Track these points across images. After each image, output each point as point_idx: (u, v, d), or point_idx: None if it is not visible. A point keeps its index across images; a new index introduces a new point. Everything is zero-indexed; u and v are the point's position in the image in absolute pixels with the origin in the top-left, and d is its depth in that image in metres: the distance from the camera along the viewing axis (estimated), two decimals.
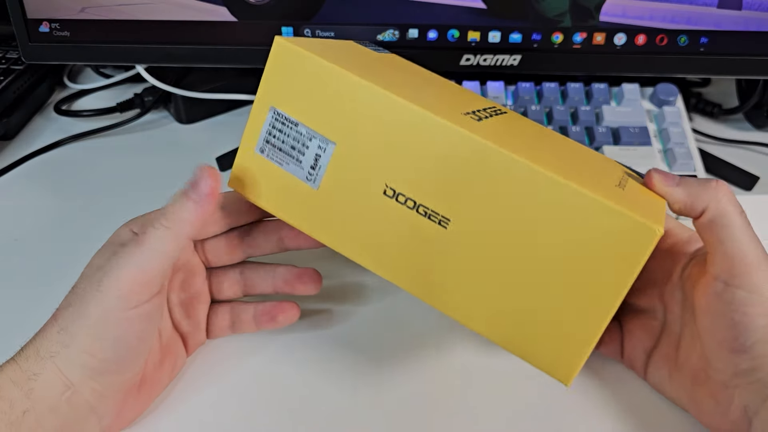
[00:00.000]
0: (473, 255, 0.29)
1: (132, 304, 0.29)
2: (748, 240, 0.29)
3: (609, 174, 0.32)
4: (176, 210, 0.30)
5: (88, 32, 0.50)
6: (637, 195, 0.30)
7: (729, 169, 0.53)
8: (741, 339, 0.29)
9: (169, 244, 0.30)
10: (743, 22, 0.48)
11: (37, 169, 0.54)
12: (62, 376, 0.29)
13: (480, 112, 0.33)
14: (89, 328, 0.29)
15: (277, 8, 0.49)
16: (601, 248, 0.27)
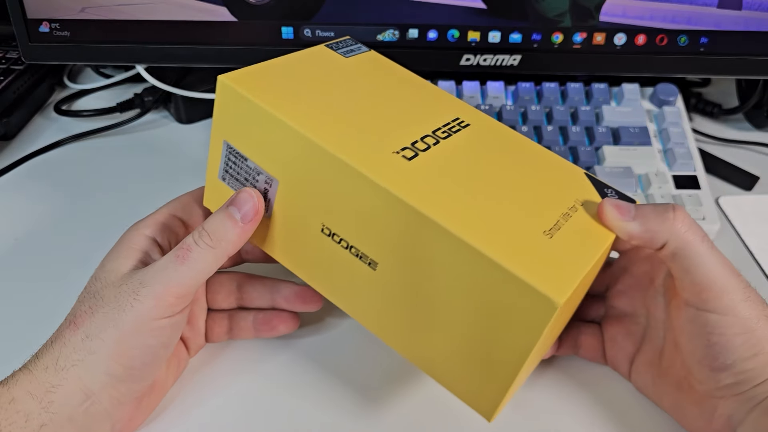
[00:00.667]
0: (398, 297, 0.30)
1: (166, 314, 0.30)
2: (714, 265, 0.29)
3: (552, 208, 0.30)
4: (219, 230, 0.31)
5: (88, 32, 0.50)
6: (570, 239, 0.29)
7: (729, 169, 0.53)
8: (721, 359, 0.29)
9: (211, 263, 0.31)
10: (743, 22, 0.48)
11: (37, 169, 0.54)
12: (83, 386, 0.29)
13: (428, 137, 0.32)
14: (122, 335, 0.29)
15: (277, 8, 0.49)
16: (505, 311, 0.27)
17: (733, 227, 0.48)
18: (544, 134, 0.50)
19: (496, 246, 0.27)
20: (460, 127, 0.34)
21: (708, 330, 0.29)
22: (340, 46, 0.39)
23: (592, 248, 0.29)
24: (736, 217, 0.49)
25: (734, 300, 0.28)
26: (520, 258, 0.27)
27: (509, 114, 0.51)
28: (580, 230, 0.30)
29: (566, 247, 0.28)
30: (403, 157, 0.30)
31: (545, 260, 0.27)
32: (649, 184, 0.47)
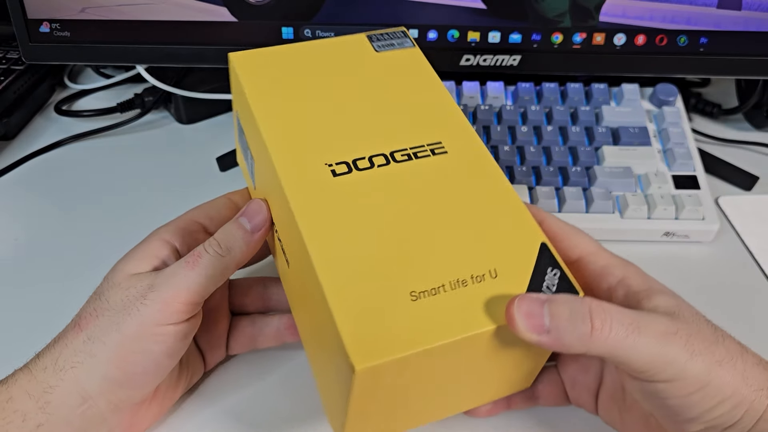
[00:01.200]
0: (298, 297, 0.32)
1: (172, 321, 0.30)
2: (645, 348, 0.26)
3: (448, 272, 0.27)
4: (230, 239, 0.31)
5: (89, 32, 0.50)
6: (435, 310, 0.26)
7: (728, 169, 0.53)
8: (683, 415, 0.27)
9: (221, 271, 0.31)
10: (743, 22, 0.48)
11: (37, 169, 0.54)
12: (80, 389, 0.29)
13: (380, 157, 0.31)
14: (124, 339, 0.29)
15: (277, 8, 0.49)
16: (336, 362, 0.26)
17: (733, 227, 0.48)
18: (544, 134, 0.50)
19: (342, 292, 0.26)
20: (430, 153, 0.32)
21: (661, 397, 0.27)
22: (383, 38, 0.37)
23: (449, 330, 0.26)
24: (736, 217, 0.49)
25: (679, 364, 0.26)
26: (356, 312, 0.25)
27: (509, 114, 0.51)
28: (460, 303, 0.26)
29: (420, 317, 0.26)
30: (331, 171, 0.30)
31: (382, 323, 0.25)
32: (648, 184, 0.47)
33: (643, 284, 0.30)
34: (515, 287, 0.27)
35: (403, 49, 0.37)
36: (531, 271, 0.28)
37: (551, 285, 0.28)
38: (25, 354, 0.31)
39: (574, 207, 0.46)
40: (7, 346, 0.39)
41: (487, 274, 0.27)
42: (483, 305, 0.27)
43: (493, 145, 0.50)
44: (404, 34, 0.37)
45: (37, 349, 0.31)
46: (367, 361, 0.24)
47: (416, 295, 0.26)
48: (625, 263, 0.31)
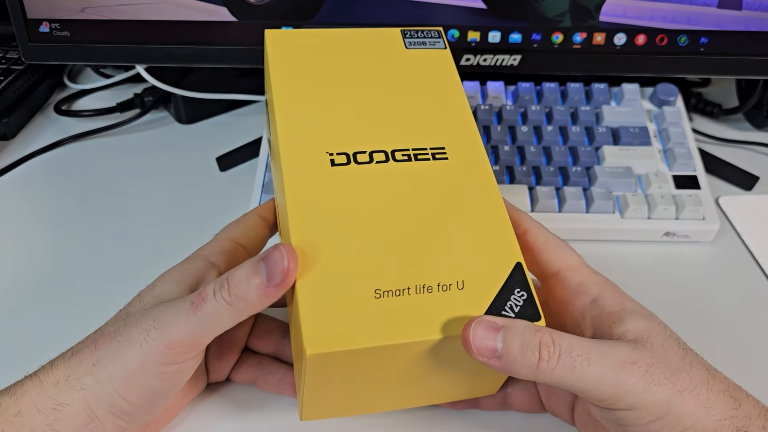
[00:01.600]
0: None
1: (177, 361, 0.29)
2: (598, 376, 0.26)
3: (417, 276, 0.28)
4: (241, 286, 0.27)
5: (88, 32, 0.50)
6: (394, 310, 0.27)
7: (729, 169, 0.53)
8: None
9: (226, 320, 0.28)
10: (743, 22, 0.48)
11: (37, 169, 0.54)
12: (88, 409, 0.29)
13: (380, 153, 0.31)
14: (127, 373, 0.28)
15: (277, 8, 0.49)
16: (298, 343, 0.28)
17: (733, 227, 0.48)
18: (544, 134, 0.50)
19: (311, 279, 0.27)
20: (431, 157, 0.32)
21: (622, 424, 0.27)
22: (416, 35, 0.37)
23: (401, 331, 0.27)
24: (736, 217, 0.49)
25: (636, 394, 0.26)
26: (320, 300, 0.27)
27: (509, 114, 0.51)
28: (419, 309, 0.27)
29: (378, 315, 0.27)
30: (330, 160, 0.31)
31: (342, 315, 0.26)
32: (649, 184, 0.47)
33: (617, 305, 0.30)
34: (478, 303, 0.28)
35: (434, 49, 0.37)
36: (498, 290, 0.28)
37: (515, 306, 0.28)
38: (25, 356, 0.31)
39: (574, 207, 0.46)
40: (7, 346, 0.39)
41: (454, 285, 0.28)
42: (440, 314, 0.27)
43: (493, 145, 0.50)
44: (439, 35, 0.38)
45: (36, 351, 0.31)
46: (317, 348, 0.26)
47: (380, 294, 0.27)
48: (602, 281, 0.31)
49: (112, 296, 0.33)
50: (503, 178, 0.48)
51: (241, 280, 0.28)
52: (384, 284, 0.28)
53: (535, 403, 0.34)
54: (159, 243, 0.46)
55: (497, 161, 0.49)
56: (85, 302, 0.41)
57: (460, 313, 0.27)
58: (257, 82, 0.58)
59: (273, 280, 0.27)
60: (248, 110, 0.60)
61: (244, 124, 0.58)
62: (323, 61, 0.35)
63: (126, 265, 0.44)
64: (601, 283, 0.31)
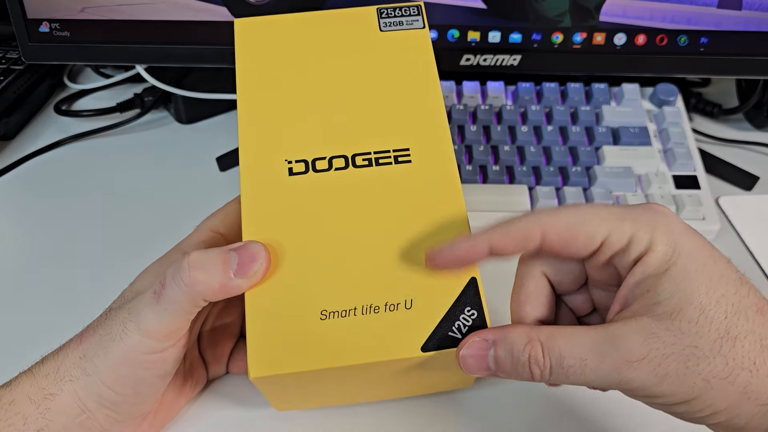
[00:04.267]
0: None
1: (156, 350, 0.29)
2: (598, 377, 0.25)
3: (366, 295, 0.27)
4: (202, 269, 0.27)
5: (88, 32, 0.50)
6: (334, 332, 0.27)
7: (729, 169, 0.53)
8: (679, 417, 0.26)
9: (186, 305, 0.28)
10: (743, 22, 0.48)
11: (37, 169, 0.54)
12: (79, 401, 0.29)
13: (340, 159, 0.30)
14: (111, 364, 0.29)
15: (277, 8, 0.49)
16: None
17: (733, 227, 0.48)
18: (544, 134, 0.50)
19: (258, 299, 0.27)
20: (393, 161, 0.30)
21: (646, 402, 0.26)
22: (393, 14, 0.34)
23: (344, 355, 0.26)
24: (736, 217, 0.49)
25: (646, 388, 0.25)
26: (265, 322, 0.27)
27: (509, 114, 0.51)
28: (364, 330, 0.27)
29: (322, 337, 0.27)
30: (288, 168, 0.30)
31: (287, 336, 0.27)
32: (649, 184, 0.47)
33: (662, 264, 0.25)
34: (425, 323, 0.27)
35: (411, 29, 0.34)
36: (447, 309, 0.27)
37: (462, 327, 0.27)
38: (24, 354, 0.31)
39: None
40: (7, 346, 0.39)
41: (402, 304, 0.27)
42: (384, 336, 0.27)
43: (493, 145, 0.50)
44: (418, 11, 0.35)
45: (36, 349, 0.31)
46: (261, 371, 0.26)
47: (326, 315, 0.27)
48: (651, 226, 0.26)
49: (112, 295, 0.33)
50: (503, 178, 0.48)
51: (204, 261, 0.27)
52: (330, 305, 0.27)
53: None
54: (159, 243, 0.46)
55: (497, 161, 0.49)
56: (85, 302, 0.41)
57: (404, 334, 0.27)
58: None
59: (242, 271, 0.27)
60: None
61: None
62: (291, 52, 0.33)
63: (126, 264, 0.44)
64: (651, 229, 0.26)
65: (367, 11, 0.35)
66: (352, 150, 0.31)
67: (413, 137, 0.31)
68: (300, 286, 0.28)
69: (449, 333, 0.27)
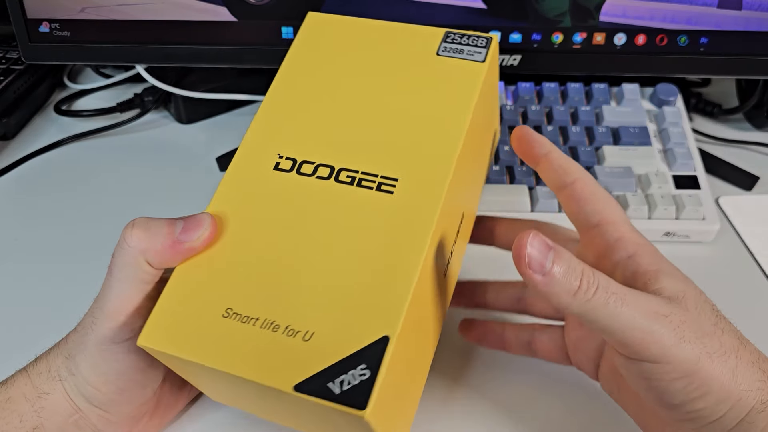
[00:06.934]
0: None
1: (126, 335, 0.28)
2: (629, 317, 0.26)
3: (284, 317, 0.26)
4: (143, 231, 0.28)
5: (88, 32, 0.50)
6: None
7: (729, 169, 0.53)
8: (665, 400, 0.27)
9: (136, 271, 0.27)
10: (743, 22, 0.48)
11: (36, 169, 0.54)
12: (70, 401, 0.29)
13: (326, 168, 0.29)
14: (90, 360, 0.28)
15: (277, 8, 0.49)
16: None
17: (733, 227, 0.48)
18: (544, 134, 0.50)
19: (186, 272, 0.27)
20: (374, 187, 0.28)
21: (644, 377, 0.27)
22: (457, 41, 0.32)
23: (218, 357, 0.25)
24: (736, 217, 0.49)
25: (665, 346, 0.26)
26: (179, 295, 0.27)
27: (509, 114, 0.51)
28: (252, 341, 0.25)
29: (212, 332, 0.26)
30: (276, 162, 0.30)
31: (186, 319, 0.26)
32: (649, 184, 0.47)
33: (653, 264, 0.29)
34: (313, 362, 0.25)
35: (467, 60, 0.32)
36: (340, 358, 0.24)
37: (346, 383, 0.24)
38: (24, 354, 0.31)
39: None
40: (6, 347, 0.39)
41: (301, 333, 0.25)
42: (266, 356, 0.25)
43: None
44: (486, 44, 0.32)
45: (35, 349, 0.31)
46: (145, 341, 0.26)
47: (229, 314, 0.26)
48: (641, 241, 0.30)
49: None
50: (503, 178, 0.48)
51: (145, 224, 0.28)
52: (237, 306, 0.26)
53: (561, 354, 0.34)
54: None
55: (497, 161, 0.49)
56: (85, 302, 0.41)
57: (286, 364, 0.25)
58: (257, 82, 0.58)
59: (186, 235, 0.27)
60: (248, 110, 0.60)
61: (244, 124, 0.58)
62: (342, 55, 0.33)
63: None
64: (640, 242, 0.30)
65: (435, 32, 0.33)
66: (343, 164, 0.29)
67: (410, 170, 0.29)
68: (223, 276, 0.27)
69: (328, 384, 0.24)
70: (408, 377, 0.28)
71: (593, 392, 0.35)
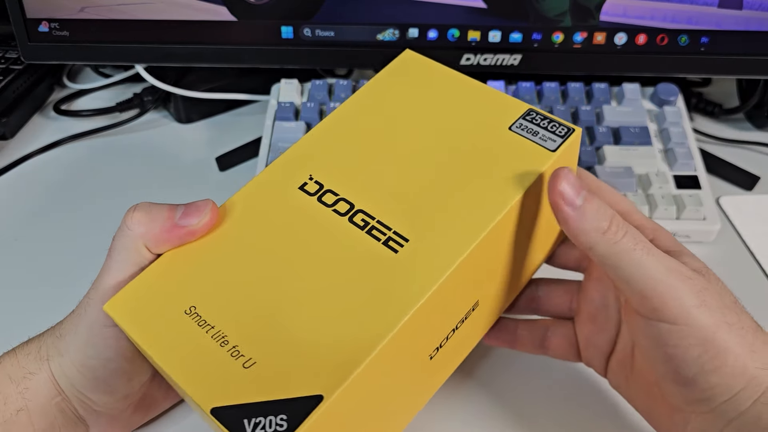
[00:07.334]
0: None
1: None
2: (653, 270, 0.26)
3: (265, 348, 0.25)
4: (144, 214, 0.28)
5: (88, 32, 0.50)
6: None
7: (729, 169, 0.53)
8: (681, 372, 0.26)
9: (132, 253, 0.28)
10: (744, 21, 0.48)
11: (36, 169, 0.53)
12: (54, 382, 0.29)
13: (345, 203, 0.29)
14: (80, 343, 0.29)
15: (277, 8, 0.49)
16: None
17: (734, 227, 0.48)
18: None
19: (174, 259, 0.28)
20: (382, 240, 0.27)
21: (662, 342, 0.26)
22: (534, 122, 0.30)
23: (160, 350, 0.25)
24: (737, 217, 0.49)
25: (685, 307, 0.26)
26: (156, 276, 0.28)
27: None
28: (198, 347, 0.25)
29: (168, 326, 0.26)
30: (304, 182, 0.30)
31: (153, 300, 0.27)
32: (649, 184, 0.47)
33: (674, 246, 0.29)
34: (241, 391, 0.23)
35: (537, 145, 0.30)
36: (268, 399, 0.23)
37: (263, 426, 0.23)
38: None
39: None
40: (6, 347, 0.38)
41: (244, 359, 0.24)
42: (204, 369, 0.24)
43: None
44: (566, 134, 0.30)
45: None
46: (110, 308, 0.27)
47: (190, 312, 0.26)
48: (656, 226, 0.31)
49: None
50: None
51: (146, 208, 0.29)
52: (201, 308, 0.26)
53: (572, 350, 0.34)
54: None
55: None
56: None
57: (215, 381, 0.24)
58: (257, 81, 0.58)
59: (185, 219, 0.28)
60: (248, 110, 0.60)
61: (243, 124, 0.58)
62: (418, 99, 0.32)
63: None
64: (656, 227, 0.31)
65: (518, 105, 0.31)
66: (364, 206, 0.28)
67: (425, 236, 0.27)
68: (201, 274, 0.27)
69: (244, 420, 0.23)
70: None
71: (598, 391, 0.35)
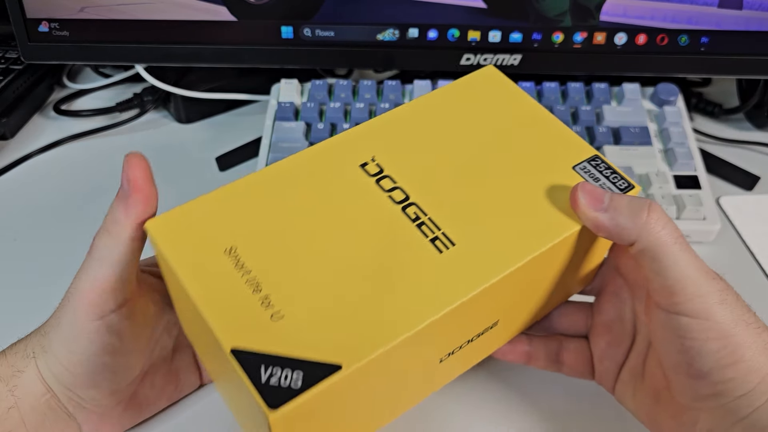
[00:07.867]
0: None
1: (97, 315, 0.28)
2: (686, 267, 0.27)
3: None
4: (111, 211, 0.28)
5: (88, 32, 0.50)
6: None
7: (729, 168, 0.53)
8: (696, 365, 0.27)
9: (113, 250, 0.28)
10: (744, 21, 0.48)
11: (36, 169, 0.53)
12: (42, 379, 0.29)
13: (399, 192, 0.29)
14: (63, 339, 0.29)
15: (277, 8, 0.49)
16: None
17: (734, 227, 0.48)
18: None
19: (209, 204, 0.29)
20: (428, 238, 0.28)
21: (680, 334, 0.27)
22: (599, 169, 0.31)
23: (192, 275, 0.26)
24: (737, 217, 0.49)
25: (708, 303, 0.27)
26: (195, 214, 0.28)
27: None
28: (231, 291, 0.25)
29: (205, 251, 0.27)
30: (364, 162, 0.30)
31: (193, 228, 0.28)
32: (649, 184, 0.47)
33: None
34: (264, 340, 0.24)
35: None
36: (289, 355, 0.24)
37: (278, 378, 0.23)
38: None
39: None
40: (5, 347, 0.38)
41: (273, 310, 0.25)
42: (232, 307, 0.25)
43: None
44: (624, 188, 0.30)
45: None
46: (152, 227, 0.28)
47: (230, 252, 0.27)
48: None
49: None
50: None
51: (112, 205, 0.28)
52: (242, 250, 0.27)
53: (586, 366, 0.34)
54: None
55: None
56: None
57: (240, 324, 0.24)
58: (257, 81, 0.58)
59: (122, 191, 0.28)
60: (248, 110, 0.60)
61: (243, 124, 0.58)
62: (494, 116, 0.33)
63: None
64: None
65: (585, 148, 0.32)
66: (419, 200, 0.29)
67: (472, 245, 0.28)
68: (251, 218, 0.28)
69: (261, 367, 0.23)
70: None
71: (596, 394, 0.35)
